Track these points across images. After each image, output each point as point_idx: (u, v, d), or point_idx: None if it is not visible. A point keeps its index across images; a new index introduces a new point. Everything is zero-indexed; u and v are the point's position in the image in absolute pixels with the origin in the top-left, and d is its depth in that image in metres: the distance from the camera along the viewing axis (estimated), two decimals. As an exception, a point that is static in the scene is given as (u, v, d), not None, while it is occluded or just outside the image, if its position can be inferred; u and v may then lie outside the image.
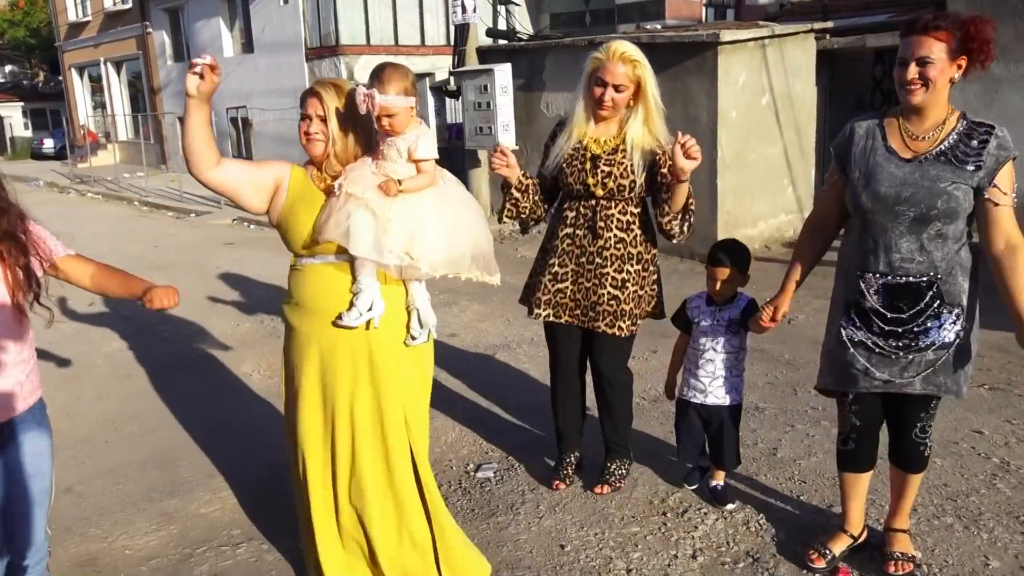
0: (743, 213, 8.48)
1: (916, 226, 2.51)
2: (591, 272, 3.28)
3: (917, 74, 2.42)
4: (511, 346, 5.72)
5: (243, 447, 4.12)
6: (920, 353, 2.58)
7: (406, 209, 2.56)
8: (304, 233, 2.57)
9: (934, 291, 2.54)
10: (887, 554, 2.86)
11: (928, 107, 2.48)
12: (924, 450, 2.78)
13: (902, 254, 2.54)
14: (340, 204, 2.52)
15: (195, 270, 8.81)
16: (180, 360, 5.62)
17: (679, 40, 8.30)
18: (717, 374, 3.24)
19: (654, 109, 3.20)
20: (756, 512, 3.31)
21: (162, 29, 21.40)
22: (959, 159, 2.47)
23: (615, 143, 3.23)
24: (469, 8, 10.38)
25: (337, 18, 15.82)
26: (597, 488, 3.49)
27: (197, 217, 13.72)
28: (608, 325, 3.29)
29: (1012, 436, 3.90)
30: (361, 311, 2.57)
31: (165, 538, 3.31)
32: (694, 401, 3.30)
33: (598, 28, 16.91)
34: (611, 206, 3.25)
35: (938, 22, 2.40)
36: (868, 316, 2.62)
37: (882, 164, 2.55)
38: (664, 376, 3.58)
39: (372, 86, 2.55)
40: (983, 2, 7.73)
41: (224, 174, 2.52)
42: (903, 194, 2.50)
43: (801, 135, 8.96)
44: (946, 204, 2.46)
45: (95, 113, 26.61)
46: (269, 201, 2.62)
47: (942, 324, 2.56)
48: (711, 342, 3.24)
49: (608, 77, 3.10)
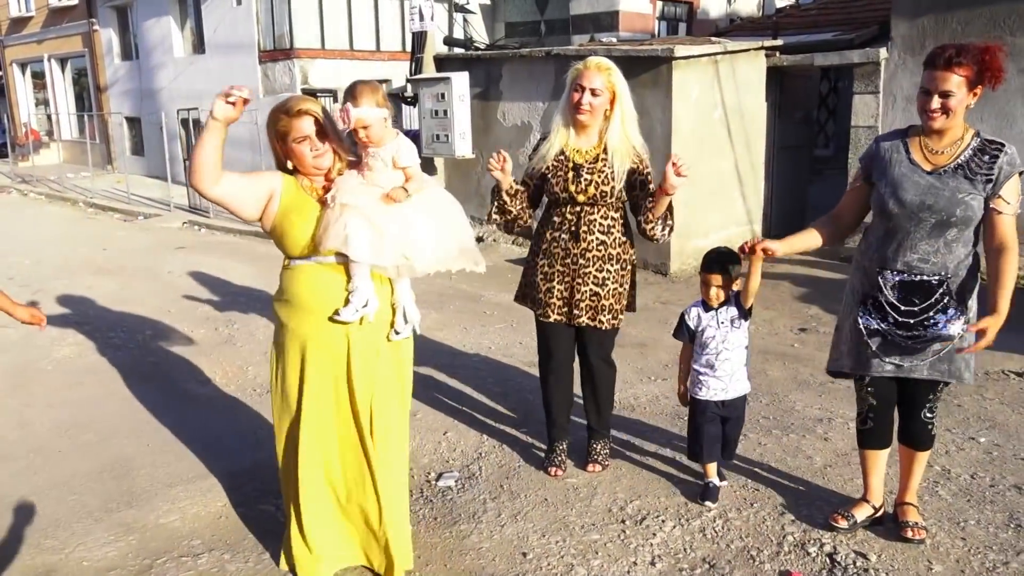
0: (696, 224, 8.65)
1: (936, 230, 2.88)
2: (575, 272, 3.61)
3: (940, 105, 2.78)
4: (468, 355, 5.76)
5: (201, 455, 4.09)
6: (927, 343, 2.94)
7: (398, 214, 2.80)
8: (300, 238, 2.79)
9: (944, 288, 2.90)
10: (903, 523, 3.19)
11: (947, 130, 2.86)
12: (931, 429, 3.14)
13: (920, 255, 2.91)
14: (337, 215, 2.74)
15: (147, 274, 8.67)
16: (134, 367, 5.54)
17: (635, 54, 8.45)
18: (733, 371, 3.50)
19: (628, 116, 3.53)
20: (712, 519, 3.41)
21: (109, 27, 20.94)
22: (973, 172, 2.84)
23: (596, 152, 3.55)
24: (426, 16, 10.41)
25: (292, 21, 15.68)
26: (589, 467, 3.82)
27: (145, 219, 13.47)
28: (590, 319, 3.64)
29: (952, 444, 4.07)
30: (357, 307, 2.79)
31: (124, 549, 3.27)
32: (715, 399, 3.50)
33: (552, 39, 17.07)
34: (593, 211, 3.57)
35: (960, 58, 2.73)
36: (884, 308, 2.98)
37: (907, 175, 2.92)
38: (621, 387, 3.68)
39: (346, 102, 2.78)
40: (925, 25, 8.04)
41: (224, 189, 2.71)
42: (927, 201, 2.86)
43: (751, 149, 9.18)
44: (964, 212, 2.83)
45: (37, 111, 25.90)
46: (263, 209, 2.82)
47: (948, 318, 2.91)
48: (723, 344, 3.46)
49: (585, 82, 3.44)
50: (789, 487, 3.68)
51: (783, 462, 3.93)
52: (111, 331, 6.36)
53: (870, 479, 3.29)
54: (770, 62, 9.16)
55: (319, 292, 2.82)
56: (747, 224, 9.29)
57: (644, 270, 8.51)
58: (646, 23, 17.33)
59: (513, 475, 3.85)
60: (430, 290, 7.69)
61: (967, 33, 7.74)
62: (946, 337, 2.93)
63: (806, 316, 6.68)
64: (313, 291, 2.82)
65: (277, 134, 2.80)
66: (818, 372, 5.24)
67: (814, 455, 4.00)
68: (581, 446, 3.95)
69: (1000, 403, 4.65)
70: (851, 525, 3.24)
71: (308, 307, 2.83)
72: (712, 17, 18.47)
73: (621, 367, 5.38)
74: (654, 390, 4.99)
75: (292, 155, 2.81)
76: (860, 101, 8.75)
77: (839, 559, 3.08)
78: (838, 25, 10.59)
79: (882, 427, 3.19)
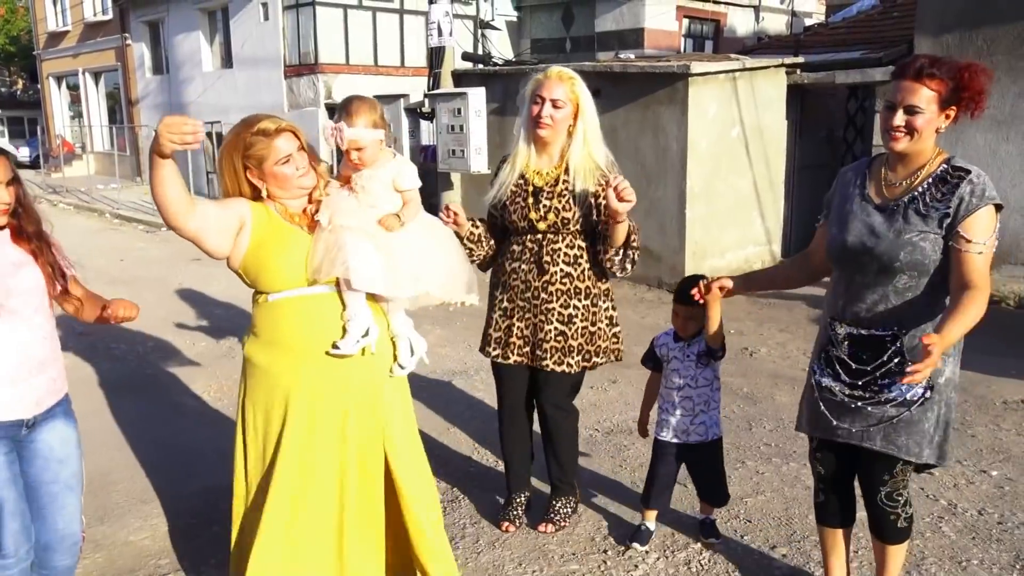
0: (711, 244, 8.49)
1: (881, 277, 2.42)
2: (537, 308, 3.20)
3: (904, 122, 2.33)
4: (469, 373, 5.65)
5: (181, 470, 4.01)
6: (880, 407, 2.45)
7: (404, 237, 2.56)
8: (282, 270, 2.46)
9: (896, 347, 2.41)
10: None
11: (911, 155, 2.41)
12: (896, 520, 2.57)
13: (867, 304, 2.44)
14: (336, 239, 2.45)
15: (158, 286, 8.68)
16: (129, 379, 5.50)
17: (651, 70, 8.33)
18: (696, 410, 3.15)
19: (592, 131, 3.13)
20: (698, 551, 3.25)
21: (142, 41, 21.29)
22: (927, 206, 2.36)
23: (556, 173, 3.15)
24: (445, 31, 10.39)
25: (317, 36, 15.80)
26: (541, 526, 3.39)
27: (167, 231, 13.53)
28: (556, 363, 3.20)
29: (962, 478, 3.87)
30: (357, 337, 2.48)
31: (89, 567, 3.19)
32: (675, 442, 3.19)
33: (578, 55, 17.03)
34: (557, 240, 3.17)
35: (932, 69, 2.30)
36: (834, 363, 2.53)
37: (856, 212, 2.49)
38: (624, 409, 3.53)
39: (340, 119, 2.53)
40: (949, 42, 7.84)
41: (199, 222, 2.37)
42: (867, 243, 2.42)
43: (771, 167, 9.01)
44: (910, 256, 2.36)
45: (72, 123, 26.39)
46: (233, 243, 2.46)
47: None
48: (685, 379, 3.14)
49: (545, 93, 3.05)
50: (783, 519, 3.50)
51: (780, 492, 3.75)
52: (113, 342, 6.34)
53: (828, 561, 2.83)
54: (791, 80, 9.00)
55: (309, 327, 2.48)
56: (765, 244, 9.11)
57: (658, 289, 8.36)
58: (672, 40, 17.21)
59: (497, 501, 3.71)
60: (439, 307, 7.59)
61: (993, 51, 7.53)
62: (902, 403, 2.42)
63: (820, 339, 6.47)
64: (301, 327, 2.48)
65: (252, 159, 2.46)
66: (827, 398, 5.05)
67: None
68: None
69: (1017, 434, 4.42)
70: None
71: (295, 346, 2.49)
72: (739, 35, 18.30)
73: (624, 389, 5.27)
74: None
75: (272, 179, 2.47)
76: (883, 120, 8.54)
77: (828, 599, 2.90)
78: (867, 44, 10.43)
79: (834, 502, 2.73)
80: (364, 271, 2.44)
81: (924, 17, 8.14)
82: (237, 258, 2.48)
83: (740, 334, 6.46)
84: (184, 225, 2.34)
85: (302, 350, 2.49)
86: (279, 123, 2.48)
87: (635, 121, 8.37)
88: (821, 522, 2.80)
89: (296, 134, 2.49)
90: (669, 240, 8.32)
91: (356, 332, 2.48)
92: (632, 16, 16.88)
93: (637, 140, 8.27)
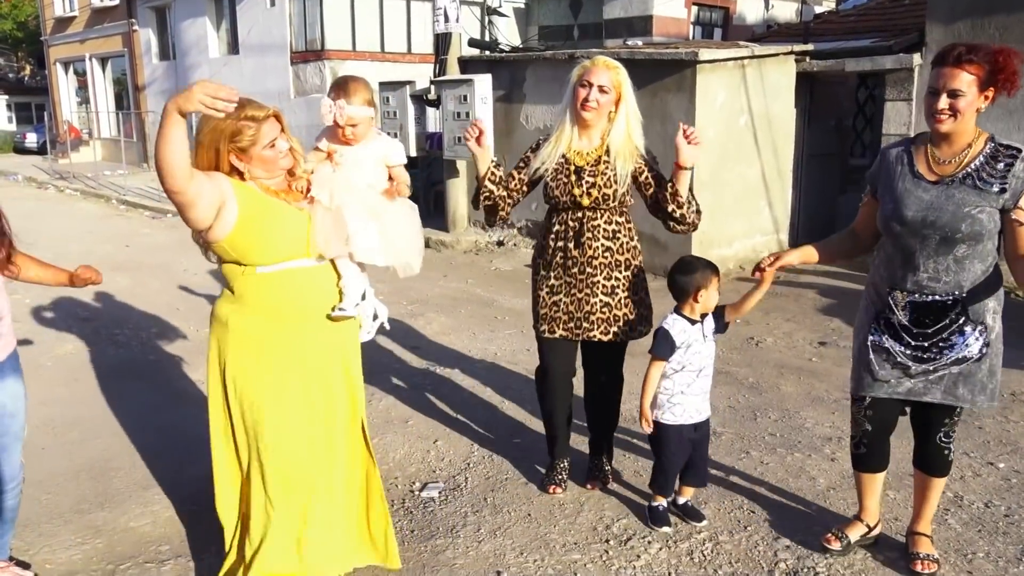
0: (718, 233, 8.43)
1: (942, 247, 2.66)
2: (582, 282, 3.38)
3: (947, 105, 2.56)
4: (473, 361, 5.62)
5: (183, 456, 4.00)
6: (943, 366, 2.74)
7: (393, 214, 2.76)
8: (276, 244, 2.56)
9: (959, 309, 2.69)
10: (913, 555, 2.98)
11: (955, 134, 2.63)
12: (948, 454, 2.92)
13: (928, 274, 2.70)
14: (339, 216, 2.62)
15: (162, 272, 8.68)
16: (132, 365, 5.49)
17: (658, 57, 8.26)
18: (708, 387, 3.29)
19: (633, 117, 3.36)
20: (701, 542, 3.22)
21: (148, 27, 21.25)
22: (984, 181, 2.60)
23: (598, 154, 3.34)
24: (451, 17, 10.32)
25: (323, 22, 15.73)
26: (589, 484, 3.65)
27: (173, 217, 13.52)
28: (603, 333, 3.39)
29: (968, 470, 3.83)
30: (356, 300, 2.70)
31: (89, 552, 3.18)
32: (689, 423, 3.22)
33: (586, 42, 16.91)
34: (596, 216, 3.35)
35: (971, 55, 2.53)
36: (896, 328, 2.78)
37: (910, 189, 2.71)
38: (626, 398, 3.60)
39: (337, 97, 2.68)
40: (961, 30, 7.74)
41: (196, 188, 2.38)
42: (928, 218, 2.64)
43: (779, 156, 8.93)
44: (970, 227, 2.60)
45: (79, 109, 26.37)
46: (214, 218, 2.48)
47: (966, 339, 2.71)
48: (705, 359, 3.23)
49: (593, 78, 3.26)
50: (788, 509, 3.47)
51: (784, 482, 3.72)
52: (116, 328, 6.33)
53: (865, 500, 3.12)
54: (800, 67, 8.91)
55: (303, 297, 2.64)
56: (773, 233, 9.04)
57: (662, 278, 8.30)
58: (680, 28, 17.08)
59: (499, 488, 3.69)
60: (444, 295, 7.58)
61: (1005, 39, 7.42)
62: (963, 360, 2.72)
63: (827, 329, 6.43)
64: (297, 297, 2.62)
65: (238, 144, 2.49)
66: (834, 388, 5.02)
67: (818, 476, 3.78)
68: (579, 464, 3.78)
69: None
70: (844, 547, 3.06)
71: (292, 314, 2.62)
72: (749, 23, 18.15)
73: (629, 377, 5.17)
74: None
75: (259, 162, 2.54)
76: (892, 108, 8.47)
77: (832, 590, 2.88)
78: (878, 31, 10.30)
79: (875, 452, 3.01)
80: (367, 245, 2.65)
81: (936, 5, 8.03)
82: (221, 232, 2.50)
83: (746, 323, 6.41)
84: (183, 189, 2.34)
85: (299, 318, 2.64)
86: (265, 110, 2.55)
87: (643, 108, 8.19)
88: (861, 469, 3.07)
89: (278, 118, 2.58)
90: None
91: (355, 295, 2.69)
92: (640, 3, 16.76)
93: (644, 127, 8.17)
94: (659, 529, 3.29)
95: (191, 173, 2.35)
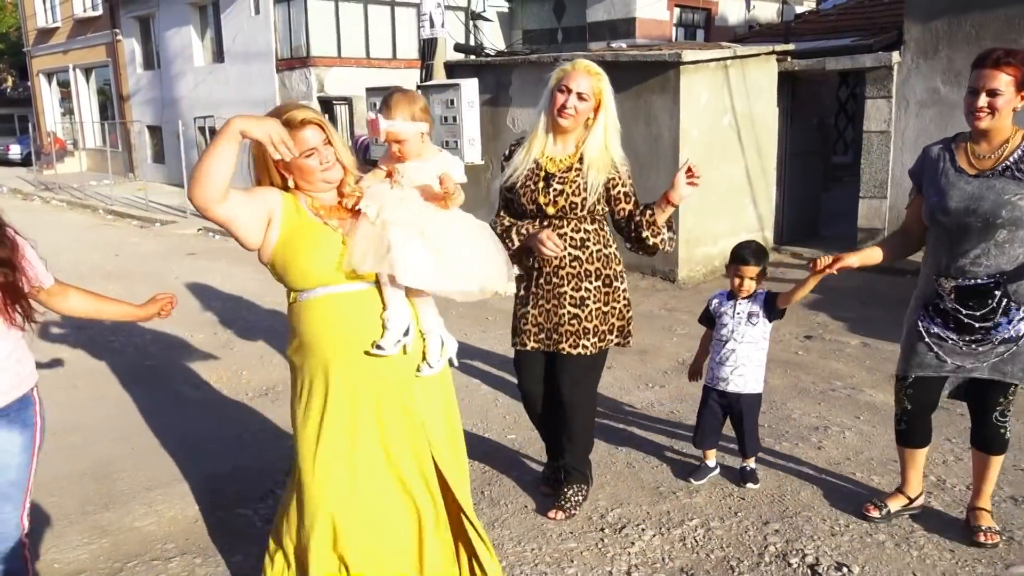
0: (704, 231, 8.55)
1: (984, 233, 2.86)
2: (549, 292, 3.25)
3: (986, 104, 2.79)
4: (466, 360, 5.70)
5: (184, 459, 4.07)
6: (990, 346, 2.93)
7: (449, 232, 2.49)
8: (312, 267, 2.39)
9: (1001, 291, 2.87)
10: (975, 527, 3.14)
11: (993, 131, 2.86)
12: (1004, 432, 3.09)
13: (970, 259, 2.89)
14: (382, 233, 2.39)
15: (153, 280, 8.71)
16: (129, 371, 5.55)
17: (642, 59, 8.38)
18: (738, 363, 3.58)
19: (612, 127, 3.20)
20: (693, 528, 3.32)
21: (132, 37, 21.22)
22: (1021, 172, 2.82)
23: (571, 161, 3.20)
24: (437, 23, 10.40)
25: (308, 30, 15.79)
26: (551, 512, 3.42)
27: (162, 226, 13.58)
28: (572, 345, 3.25)
29: (951, 454, 3.95)
30: (398, 336, 2.43)
31: (96, 552, 3.25)
32: (717, 388, 3.64)
33: (569, 45, 17.04)
34: (563, 225, 3.21)
35: (1009, 58, 2.76)
36: (945, 313, 2.98)
37: (953, 182, 2.92)
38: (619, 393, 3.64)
39: (380, 112, 2.55)
40: (938, 28, 7.90)
41: (230, 209, 2.29)
42: (971, 206, 2.86)
43: (762, 155, 9.07)
44: (1010, 213, 2.80)
45: (63, 120, 26.30)
46: (264, 238, 2.40)
47: (1011, 320, 2.89)
48: (733, 334, 3.58)
49: (572, 84, 3.10)
50: (775, 496, 3.57)
51: (773, 471, 3.82)
52: (112, 335, 6.37)
53: (907, 472, 3.30)
54: (782, 67, 9.05)
55: (341, 325, 2.42)
56: (758, 231, 9.16)
57: (652, 276, 8.42)
58: (663, 30, 17.24)
59: (495, 482, 3.78)
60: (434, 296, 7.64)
61: (981, 36, 7.59)
62: (1010, 339, 2.91)
63: (813, 323, 6.56)
64: (333, 325, 2.42)
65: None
66: (819, 380, 5.13)
67: (805, 464, 3.89)
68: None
69: (1005, 413, 4.50)
70: (884, 515, 3.26)
71: (328, 345, 2.43)
72: (731, 24, 18.33)
73: (619, 374, 5.33)
74: (650, 396, 4.91)
75: (297, 172, 2.42)
76: (872, 106, 8.62)
77: (820, 570, 2.98)
78: (857, 30, 10.47)
79: (916, 430, 3.20)
80: (413, 267, 2.37)
81: (913, 4, 8.20)
82: (267, 251, 2.42)
83: (733, 319, 6.52)
84: (212, 208, 2.24)
85: (335, 349, 2.43)
86: (307, 114, 2.40)
87: (627, 110, 8.35)
88: (904, 444, 3.27)
89: (323, 127, 2.42)
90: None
91: (397, 331, 2.43)
92: (624, 6, 16.90)
93: (629, 129, 8.22)
94: (693, 482, 3.69)
95: (224, 196, 2.24)
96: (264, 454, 4.11)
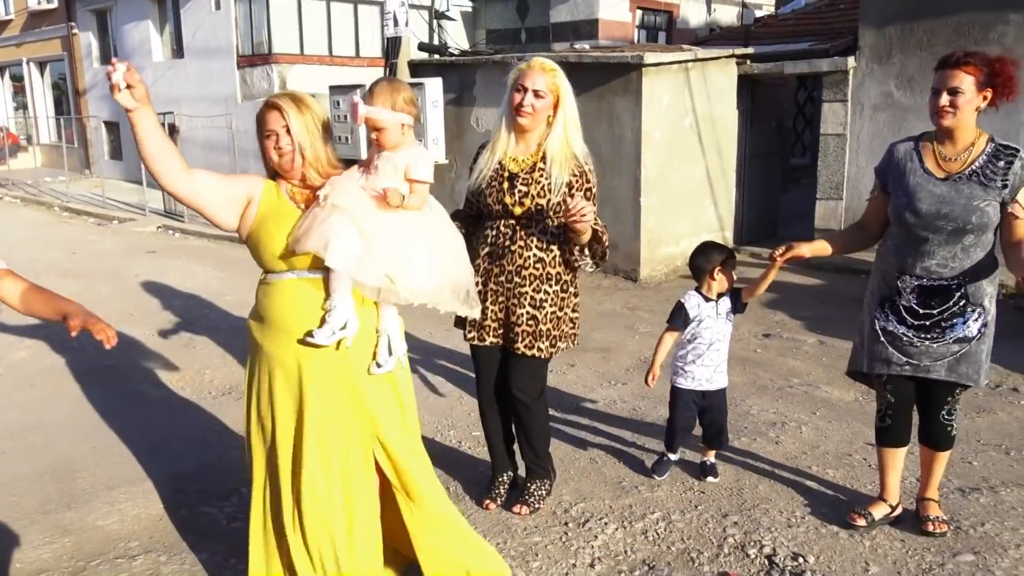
0: (665, 232, 8.67)
1: (953, 237, 2.94)
2: (510, 291, 3.27)
3: (948, 102, 2.87)
4: (430, 358, 5.73)
5: (146, 457, 4.04)
6: (945, 345, 3.02)
7: (392, 229, 2.49)
8: (275, 248, 2.47)
9: (962, 292, 2.97)
10: (924, 518, 3.25)
11: (956, 130, 2.93)
12: (951, 430, 3.21)
13: (938, 260, 2.98)
14: (324, 215, 2.43)
15: (112, 278, 8.60)
16: (89, 370, 5.49)
17: (605, 61, 8.47)
18: (719, 361, 3.68)
19: (572, 122, 3.22)
20: (655, 521, 3.40)
21: (89, 30, 20.81)
22: (988, 178, 2.90)
23: (533, 160, 3.22)
24: (401, 21, 10.40)
25: (270, 26, 15.63)
26: (515, 507, 3.47)
27: (120, 224, 13.37)
28: (527, 347, 3.29)
29: (902, 449, 4.07)
30: (334, 329, 2.46)
31: (59, 551, 3.22)
32: (697, 389, 3.68)
33: (533, 46, 17.10)
34: (531, 226, 3.24)
35: (968, 58, 2.85)
36: (901, 311, 3.06)
37: (921, 184, 2.98)
38: (583, 391, 3.66)
39: (363, 98, 2.55)
40: (891, 34, 8.10)
41: (193, 185, 2.44)
42: (942, 210, 2.92)
43: (723, 156, 9.22)
44: (980, 219, 2.90)
45: (16, 114, 25.72)
46: (240, 216, 2.54)
47: (966, 320, 3.00)
48: (717, 335, 3.63)
49: (528, 83, 3.13)
50: (734, 490, 3.67)
51: (730, 465, 3.91)
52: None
53: (887, 477, 3.34)
54: (741, 70, 9.21)
55: (295, 310, 2.49)
56: (719, 231, 9.32)
57: (614, 276, 8.52)
58: (626, 31, 17.38)
59: (460, 478, 3.82)
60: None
61: (932, 43, 7.81)
62: (964, 339, 3.00)
63: (771, 322, 6.69)
64: (287, 309, 2.50)
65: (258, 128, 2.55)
66: (777, 377, 5.25)
67: (763, 459, 3.99)
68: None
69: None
70: (869, 523, 3.27)
71: (281, 326, 2.50)
72: (692, 26, 18.55)
73: (582, 371, 5.41)
74: (612, 394, 4.98)
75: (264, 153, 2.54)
76: (829, 109, 8.81)
77: (777, 560, 3.07)
78: (815, 35, 10.69)
79: (899, 425, 3.24)
80: (339, 250, 2.39)
81: (867, 10, 8.41)
82: (244, 231, 2.56)
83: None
84: (172, 183, 2.40)
85: (288, 331, 2.50)
86: (275, 99, 2.49)
87: (590, 111, 8.47)
88: (884, 443, 3.30)
89: (282, 112, 2.46)
90: (624, 228, 8.46)
91: (334, 324, 2.46)
92: (586, 7, 17.01)
93: (592, 130, 8.36)
94: (656, 478, 3.74)
95: (179, 168, 2.39)
96: (229, 452, 4.10)
